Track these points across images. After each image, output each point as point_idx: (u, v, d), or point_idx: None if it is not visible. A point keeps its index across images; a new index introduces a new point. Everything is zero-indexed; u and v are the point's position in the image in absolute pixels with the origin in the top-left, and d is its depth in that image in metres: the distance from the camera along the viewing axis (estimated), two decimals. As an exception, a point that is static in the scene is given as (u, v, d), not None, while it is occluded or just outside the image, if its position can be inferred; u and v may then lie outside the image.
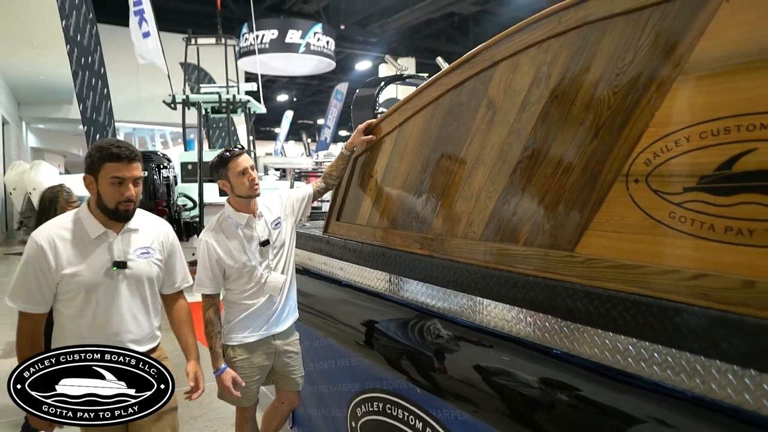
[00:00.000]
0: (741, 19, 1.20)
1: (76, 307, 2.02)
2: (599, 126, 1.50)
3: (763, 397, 1.16)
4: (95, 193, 2.02)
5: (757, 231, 1.18)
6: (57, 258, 1.96)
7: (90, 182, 2.01)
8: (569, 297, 1.53)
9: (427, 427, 2.22)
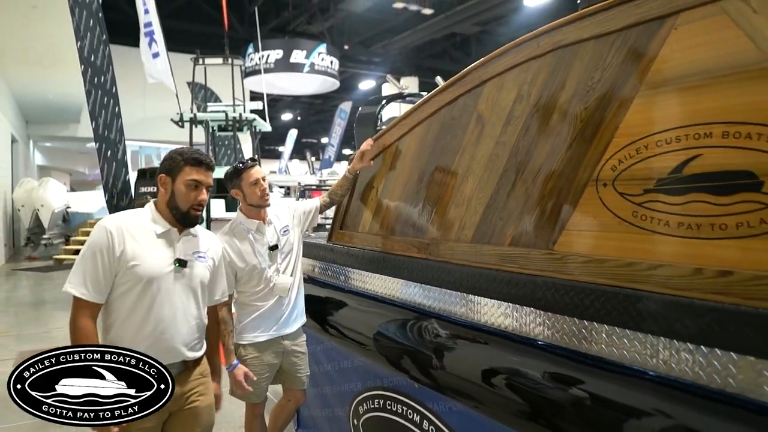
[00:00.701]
0: (685, 44, 1.40)
1: (132, 300, 2.03)
2: (573, 137, 1.69)
3: (714, 373, 1.33)
4: (168, 194, 2.11)
5: (703, 225, 1.36)
6: (123, 246, 1.99)
7: (165, 182, 2.11)
8: (548, 290, 1.71)
9: (424, 419, 2.37)
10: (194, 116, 9.10)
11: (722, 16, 1.32)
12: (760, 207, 1.26)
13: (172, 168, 2.11)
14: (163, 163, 2.15)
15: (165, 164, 2.14)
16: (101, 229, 2.00)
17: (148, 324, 2.06)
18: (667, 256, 1.44)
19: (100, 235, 1.99)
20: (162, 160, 2.17)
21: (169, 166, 2.12)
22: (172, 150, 2.17)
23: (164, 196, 2.13)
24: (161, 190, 2.14)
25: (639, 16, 1.50)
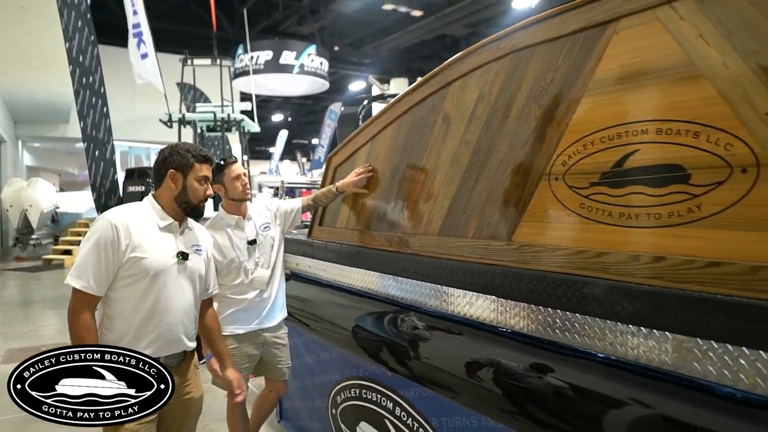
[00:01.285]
0: (625, 48, 1.51)
1: (139, 292, 2.05)
2: (528, 134, 1.80)
3: (651, 352, 1.44)
4: (179, 189, 2.15)
5: (640, 215, 1.48)
6: (129, 240, 2.01)
7: (176, 178, 2.15)
8: (505, 279, 1.82)
9: (396, 406, 2.48)
10: (183, 117, 9.16)
11: (655, 22, 1.44)
12: (688, 197, 1.37)
13: (183, 165, 2.15)
14: (169, 159, 2.17)
15: (174, 160, 2.16)
16: (106, 223, 2.01)
17: (155, 316, 2.09)
18: (609, 245, 1.55)
19: (105, 229, 2.00)
20: (167, 156, 2.18)
21: (180, 162, 2.15)
22: (172, 146, 2.20)
23: (173, 191, 2.16)
24: (170, 186, 2.16)
25: (586, 21, 1.62)
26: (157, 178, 2.19)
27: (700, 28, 1.35)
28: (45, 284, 10.98)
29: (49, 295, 9.72)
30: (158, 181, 2.19)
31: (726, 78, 1.30)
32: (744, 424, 1.26)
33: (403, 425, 2.42)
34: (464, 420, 2.07)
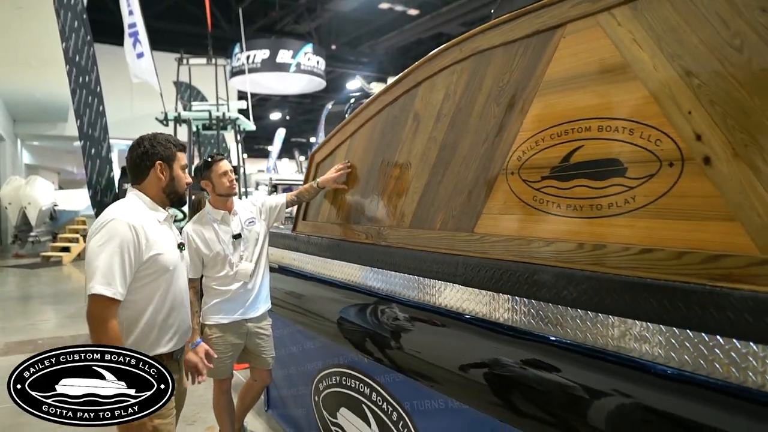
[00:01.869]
0: (571, 51, 1.62)
1: (160, 289, 2.06)
2: (488, 132, 1.92)
3: (598, 334, 1.55)
4: (167, 180, 2.14)
5: (584, 207, 1.59)
6: (145, 237, 2.00)
7: (164, 169, 2.13)
8: (467, 267, 1.94)
9: (373, 391, 2.59)
10: (178, 115, 9.26)
11: (597, 27, 1.55)
12: (625, 189, 1.49)
13: (169, 156, 2.14)
14: (153, 151, 2.13)
15: (159, 152, 2.13)
16: (123, 225, 1.96)
17: (174, 310, 2.13)
18: (557, 234, 1.66)
19: (124, 230, 1.95)
20: (148, 149, 2.12)
21: (166, 153, 2.14)
22: (149, 138, 2.16)
23: (161, 182, 2.14)
24: (159, 177, 2.13)
25: (537, 26, 1.73)
26: (140, 172, 2.14)
27: (634, 34, 1.46)
28: (43, 281, 11.09)
29: (47, 291, 9.84)
30: (141, 175, 2.15)
31: (655, 79, 1.41)
32: (678, 400, 1.37)
33: (379, 410, 2.54)
34: (433, 402, 2.18)
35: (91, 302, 1.90)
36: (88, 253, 1.95)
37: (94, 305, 1.90)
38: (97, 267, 1.90)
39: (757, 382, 1.22)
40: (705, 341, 1.31)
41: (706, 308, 1.28)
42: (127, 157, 2.16)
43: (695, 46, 1.33)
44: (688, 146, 1.34)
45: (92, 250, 1.93)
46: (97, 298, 1.89)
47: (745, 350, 1.23)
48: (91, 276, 1.90)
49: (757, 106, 1.21)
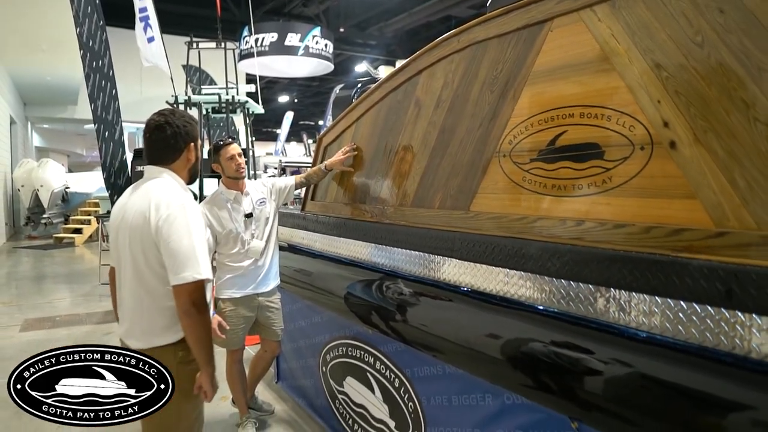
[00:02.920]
0: (558, 43, 1.77)
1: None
2: (483, 117, 2.07)
3: (570, 300, 1.72)
4: (194, 159, 2.13)
5: (567, 186, 1.75)
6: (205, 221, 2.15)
7: (194, 150, 2.11)
8: (463, 243, 2.10)
9: (377, 360, 2.78)
10: (188, 98, 9.41)
11: (580, 23, 1.70)
12: (603, 170, 1.64)
13: (197, 135, 2.10)
14: (184, 131, 2.06)
15: (190, 132, 2.08)
16: (193, 209, 1.97)
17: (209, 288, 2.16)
18: (544, 211, 1.83)
19: (197, 215, 1.98)
20: (180, 128, 2.05)
21: (195, 133, 2.09)
22: (177, 116, 2.09)
23: (190, 163, 2.12)
24: (189, 158, 2.10)
25: (527, 19, 1.88)
26: (171, 152, 2.06)
27: (612, 29, 1.60)
28: (56, 261, 11.36)
29: (61, 271, 10.10)
30: (173, 155, 2.07)
31: (630, 71, 1.56)
32: (646, 359, 1.54)
33: (383, 377, 2.73)
34: (431, 369, 2.37)
35: (194, 288, 1.88)
36: (170, 242, 1.88)
37: (198, 289, 1.89)
38: (194, 254, 1.88)
39: (712, 340, 1.38)
40: (670, 306, 1.47)
41: (669, 276, 1.44)
42: (153, 138, 2.04)
43: (664, 41, 1.47)
44: (656, 132, 1.50)
45: (176, 239, 1.88)
46: (201, 282, 1.89)
47: (704, 313, 1.40)
48: (188, 264, 1.87)
49: (714, 97, 1.36)
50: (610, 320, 1.64)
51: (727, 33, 1.34)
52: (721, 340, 1.37)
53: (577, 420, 1.72)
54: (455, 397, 2.23)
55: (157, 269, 1.95)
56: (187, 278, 1.86)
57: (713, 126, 1.37)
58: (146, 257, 1.95)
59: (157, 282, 1.97)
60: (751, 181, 1.30)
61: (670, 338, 1.49)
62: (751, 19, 1.29)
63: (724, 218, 1.35)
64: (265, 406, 3.64)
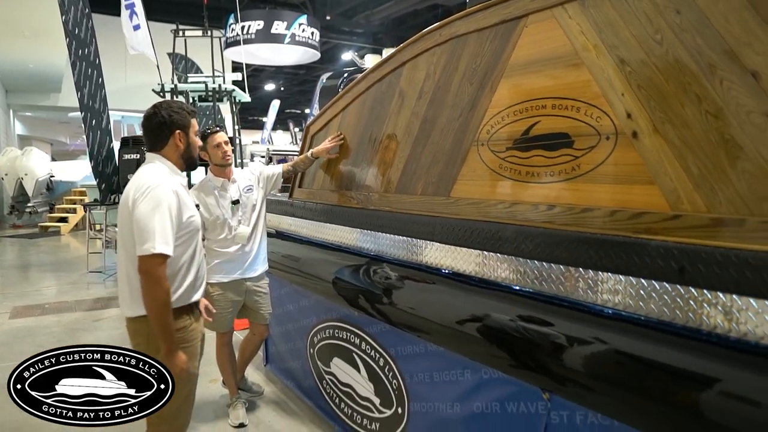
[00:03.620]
0: (532, 39, 1.88)
1: (192, 248, 2.25)
2: (462, 108, 2.18)
3: (543, 280, 1.84)
4: (185, 146, 2.25)
5: (540, 173, 1.87)
6: (183, 202, 2.17)
7: (182, 137, 2.24)
8: (444, 227, 2.22)
9: (362, 341, 2.90)
10: (175, 87, 9.41)
11: (552, 20, 1.81)
12: (572, 158, 1.76)
13: (185, 124, 2.24)
14: (170, 119, 2.21)
15: (177, 120, 2.22)
16: (167, 190, 2.09)
17: (202, 267, 2.33)
18: (519, 197, 1.94)
19: (169, 196, 2.09)
20: (166, 117, 2.21)
21: (183, 122, 2.23)
22: (165, 106, 2.25)
23: (179, 149, 2.25)
24: (177, 145, 2.23)
25: (504, 15, 1.98)
26: (159, 140, 2.23)
27: (582, 26, 1.72)
28: (42, 250, 11.34)
29: (48, 260, 10.10)
30: (161, 142, 2.23)
31: (597, 66, 1.67)
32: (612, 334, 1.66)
33: (368, 357, 2.85)
34: (414, 347, 2.49)
35: (150, 260, 2.00)
36: (140, 218, 2.03)
37: (154, 263, 2.00)
38: (154, 229, 2.00)
39: (668, 314, 1.51)
40: (632, 284, 1.60)
41: (630, 256, 1.57)
42: (144, 126, 2.25)
43: (628, 38, 1.59)
44: (620, 123, 1.61)
45: (144, 215, 2.03)
46: (157, 256, 2.00)
47: (661, 290, 1.52)
48: (148, 237, 2.00)
49: (671, 91, 1.48)
50: (580, 298, 1.76)
51: (682, 32, 1.46)
52: (676, 315, 1.50)
53: (548, 391, 1.85)
54: (436, 373, 2.35)
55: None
56: (145, 250, 1.99)
57: (670, 118, 1.49)
58: (130, 233, 2.08)
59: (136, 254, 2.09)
60: (702, 168, 1.43)
61: (633, 314, 1.62)
62: (703, 20, 1.41)
63: (679, 202, 1.48)
64: (255, 387, 3.75)
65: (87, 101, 6.58)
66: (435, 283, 2.33)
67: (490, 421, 2.07)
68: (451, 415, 2.26)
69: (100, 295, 7.01)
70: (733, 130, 1.36)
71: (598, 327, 1.69)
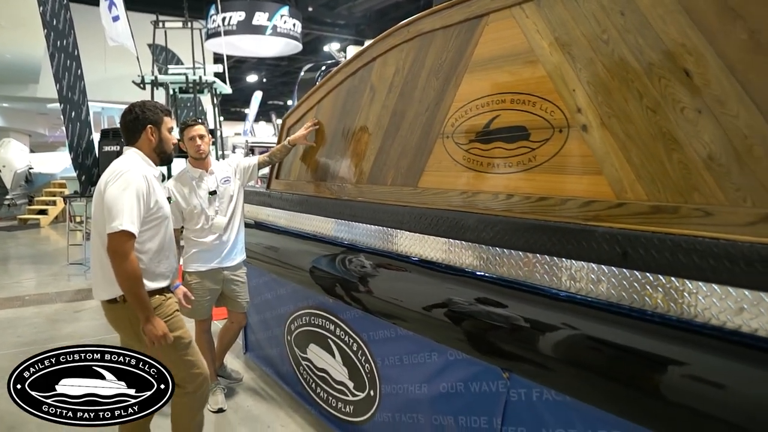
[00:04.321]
0: (492, 37, 1.98)
1: (161, 236, 2.39)
2: (429, 102, 2.27)
3: (503, 266, 1.95)
4: (156, 141, 2.42)
5: (499, 164, 1.97)
6: (154, 190, 2.32)
7: (153, 132, 2.40)
8: (412, 216, 2.32)
9: (336, 327, 2.99)
10: (155, 78, 9.38)
11: (511, 19, 1.90)
12: (529, 150, 1.86)
13: (157, 120, 2.41)
14: (143, 116, 2.39)
15: (148, 117, 2.40)
16: (137, 174, 2.25)
17: (171, 254, 2.46)
18: (480, 187, 2.05)
19: (139, 180, 2.24)
20: (139, 114, 2.39)
21: (154, 118, 2.40)
22: (139, 105, 2.44)
23: (152, 143, 2.41)
24: (149, 139, 2.39)
25: (467, 14, 2.08)
26: (133, 134, 2.40)
27: (537, 25, 1.81)
28: (21, 242, 11.27)
29: (27, 252, 10.05)
30: (134, 136, 2.40)
31: (551, 63, 1.78)
32: (567, 315, 1.77)
33: (342, 342, 2.94)
34: (385, 332, 2.59)
35: (117, 238, 2.13)
36: (109, 198, 2.18)
37: (120, 240, 2.13)
38: (122, 208, 2.14)
39: (615, 296, 1.62)
40: (583, 268, 1.71)
41: (580, 242, 1.68)
42: (121, 122, 2.45)
43: (578, 37, 1.69)
44: (572, 117, 1.72)
45: (114, 195, 2.18)
46: (124, 233, 2.13)
47: (609, 273, 1.63)
48: (116, 216, 2.13)
49: (616, 87, 1.59)
50: (536, 282, 1.87)
51: (626, 32, 1.56)
52: (622, 296, 1.62)
53: (508, 371, 1.97)
54: (406, 356, 2.45)
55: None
56: (113, 228, 2.12)
57: (615, 112, 1.59)
58: (102, 216, 2.21)
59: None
60: (643, 159, 1.54)
61: (584, 296, 1.73)
62: (644, 22, 1.52)
63: (623, 191, 1.59)
64: (234, 374, 3.84)
65: (66, 93, 6.57)
66: (406, 270, 2.43)
67: (455, 400, 2.18)
68: (419, 395, 2.36)
69: (81, 287, 7.02)
70: (669, 125, 1.47)
71: (554, 310, 1.80)
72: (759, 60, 1.29)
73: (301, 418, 3.36)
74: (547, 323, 1.81)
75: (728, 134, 1.35)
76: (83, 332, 5.17)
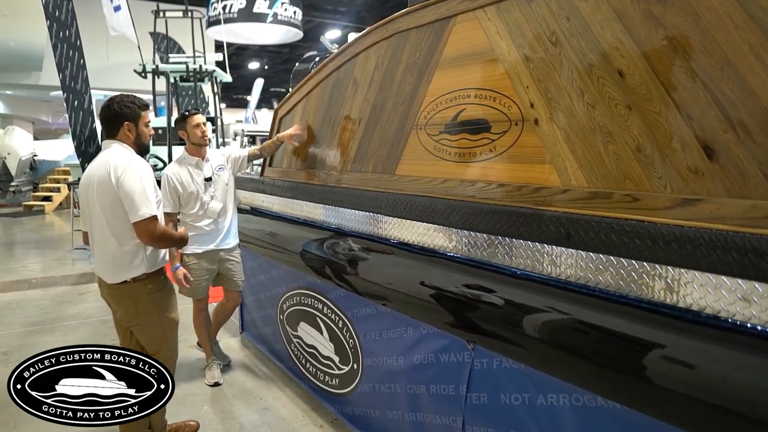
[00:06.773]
0: (459, 37, 2.15)
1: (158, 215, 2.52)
2: (404, 96, 2.45)
3: (470, 247, 2.14)
4: (134, 135, 2.54)
5: (465, 154, 2.15)
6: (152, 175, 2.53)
7: (130, 128, 2.52)
8: (389, 201, 2.50)
9: (324, 306, 3.19)
10: (156, 67, 9.55)
11: (475, 20, 2.08)
12: (490, 141, 2.05)
13: (134, 116, 2.53)
14: (121, 113, 2.50)
15: (126, 113, 2.51)
16: (143, 163, 2.47)
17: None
18: (449, 175, 2.23)
19: (146, 168, 2.46)
20: (117, 111, 2.50)
21: (132, 115, 2.52)
22: (117, 101, 2.53)
23: (130, 138, 2.53)
24: (127, 135, 2.51)
25: (438, 15, 2.25)
26: (111, 127, 2.51)
27: (497, 27, 1.99)
28: (27, 228, 11.51)
29: (32, 237, 10.29)
30: (113, 130, 2.51)
31: (509, 61, 1.95)
32: (521, 291, 1.96)
33: (329, 320, 3.15)
34: (368, 309, 2.79)
35: (147, 224, 2.35)
36: (128, 190, 2.35)
37: (151, 225, 2.37)
38: (142, 197, 2.34)
39: (557, 272, 1.81)
40: (531, 247, 1.89)
41: (532, 225, 1.86)
42: (100, 116, 2.56)
43: (531, 39, 1.87)
44: (526, 111, 1.90)
45: (130, 187, 2.35)
46: (153, 218, 2.37)
47: (553, 253, 1.82)
48: (141, 204, 2.33)
49: (562, 85, 1.77)
50: (498, 262, 2.06)
51: (571, 36, 1.74)
52: (566, 273, 1.80)
53: (472, 342, 2.16)
54: (385, 331, 2.65)
55: (122, 215, 2.40)
56: (142, 215, 2.33)
57: (561, 107, 1.77)
58: (112, 209, 2.39)
59: (122, 225, 2.41)
60: (584, 150, 1.72)
61: (535, 273, 1.91)
62: (585, 26, 1.69)
63: (568, 179, 1.77)
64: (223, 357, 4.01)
65: (69, 82, 6.74)
66: (388, 253, 2.62)
67: (427, 370, 2.38)
68: (396, 367, 2.57)
69: (85, 271, 7.25)
70: (605, 119, 1.65)
71: (512, 286, 1.99)
72: (676, 63, 1.47)
73: (292, 392, 3.57)
74: (505, 299, 2.00)
75: (652, 129, 1.53)
76: (88, 313, 5.40)
